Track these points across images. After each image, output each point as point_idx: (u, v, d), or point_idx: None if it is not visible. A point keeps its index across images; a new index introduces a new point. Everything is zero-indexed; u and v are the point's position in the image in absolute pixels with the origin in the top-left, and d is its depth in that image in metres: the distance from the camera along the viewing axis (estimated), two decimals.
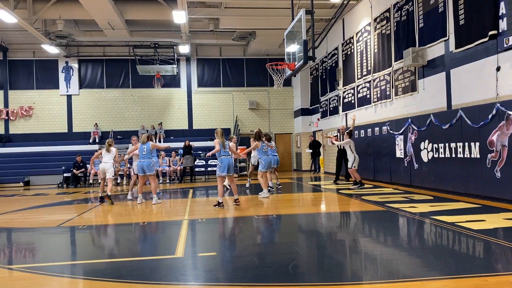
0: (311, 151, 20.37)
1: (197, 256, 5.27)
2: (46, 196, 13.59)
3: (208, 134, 22.12)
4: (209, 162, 19.72)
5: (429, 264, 4.59)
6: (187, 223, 7.64)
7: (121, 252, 5.92)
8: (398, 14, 12.86)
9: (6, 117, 22.58)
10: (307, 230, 7.17)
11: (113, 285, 4.16)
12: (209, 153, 10.04)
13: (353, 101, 16.63)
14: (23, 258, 5.72)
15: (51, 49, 20.12)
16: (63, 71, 23.08)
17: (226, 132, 22.32)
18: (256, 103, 23.96)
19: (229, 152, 9.68)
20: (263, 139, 11.56)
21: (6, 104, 22.63)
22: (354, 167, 12.49)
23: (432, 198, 9.79)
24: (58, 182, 18.50)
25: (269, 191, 11.43)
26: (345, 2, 12.90)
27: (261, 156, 11.46)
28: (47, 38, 18.97)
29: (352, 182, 13.10)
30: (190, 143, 19.21)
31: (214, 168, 17.12)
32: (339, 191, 12.17)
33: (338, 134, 14.54)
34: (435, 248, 5.48)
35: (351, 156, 12.51)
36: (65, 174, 18.47)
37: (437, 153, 10.65)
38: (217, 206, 9.31)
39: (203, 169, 19.94)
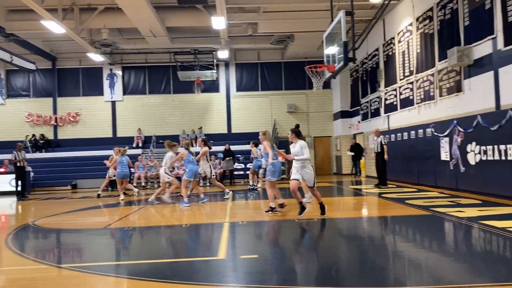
0: (353, 153, 20.03)
1: (239, 258, 5.31)
2: (92, 199, 14.08)
3: (247, 137, 22.21)
4: (247, 166, 19.80)
5: (477, 270, 4.41)
6: (228, 225, 7.71)
7: (165, 253, 6.04)
8: (441, 13, 12.49)
9: (55, 123, 23.64)
10: (349, 234, 7.06)
11: (159, 285, 4.26)
12: (284, 157, 9.93)
13: (395, 103, 16.26)
14: (73, 258, 5.96)
15: (96, 57, 20.90)
16: (108, 78, 23.91)
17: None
18: (294, 106, 23.88)
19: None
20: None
21: (55, 111, 23.68)
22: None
23: (481, 202, 9.40)
24: (106, 185, 19.08)
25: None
26: (386, 2, 12.65)
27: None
28: (93, 47, 19.73)
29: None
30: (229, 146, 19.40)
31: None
32: (381, 195, 11.91)
33: (376, 137, 14.23)
34: (484, 254, 5.26)
35: None
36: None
37: (485, 155, 10.23)
38: (270, 212, 8.71)
39: (242, 172, 20.06)
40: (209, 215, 9.61)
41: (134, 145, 22.73)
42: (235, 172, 19.77)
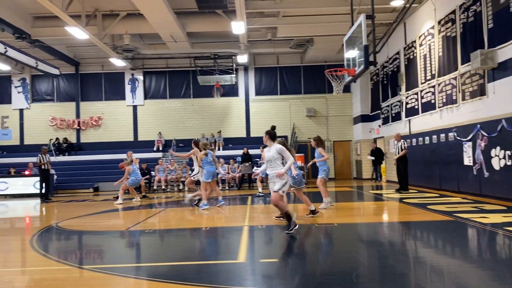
0: (373, 158, 19.82)
1: (259, 262, 5.31)
2: (113, 202, 14.28)
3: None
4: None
5: (502, 278, 4.31)
6: (247, 229, 7.72)
7: (185, 256, 6.08)
8: (464, 16, 12.29)
9: (78, 127, 24.10)
10: (369, 240, 6.99)
11: (179, 287, 4.29)
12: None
13: (416, 107, 16.05)
14: (94, 259, 6.05)
15: (118, 62, 21.25)
16: (129, 83, 24.28)
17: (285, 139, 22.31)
18: (314, 110, 23.79)
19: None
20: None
21: (77, 115, 24.15)
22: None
23: (505, 208, 9.18)
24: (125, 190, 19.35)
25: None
26: (407, 5, 12.54)
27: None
28: (115, 52, 20.07)
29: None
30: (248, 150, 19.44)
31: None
32: (403, 200, 11.75)
33: (396, 142, 14.06)
34: (509, 261, 5.13)
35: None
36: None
37: (510, 160, 10.00)
38: (311, 215, 8.68)
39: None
40: (228, 218, 9.64)
41: (154, 149, 22.99)
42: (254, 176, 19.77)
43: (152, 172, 19.11)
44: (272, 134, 7.29)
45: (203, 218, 9.68)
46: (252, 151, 20.12)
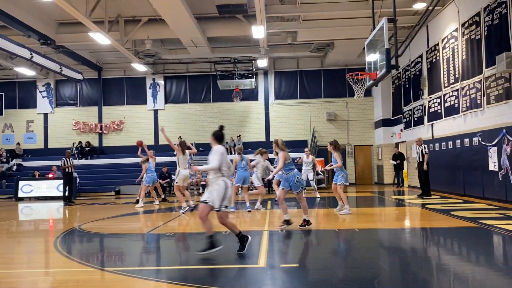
0: (395, 162, 19.50)
1: (279, 267, 5.27)
2: (134, 205, 14.42)
3: (285, 146, 22.15)
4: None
5: None
6: (267, 233, 7.69)
7: (205, 260, 6.08)
8: (489, 18, 12.04)
9: (100, 131, 24.50)
10: (391, 246, 6.87)
11: None
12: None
13: (439, 111, 15.77)
14: (116, 262, 6.11)
15: (140, 67, 21.55)
16: (150, 87, 24.58)
17: (303, 144, 22.24)
18: (334, 114, 23.63)
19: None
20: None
21: (100, 119, 24.56)
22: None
23: None
24: (146, 192, 19.57)
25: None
26: (430, 8, 12.36)
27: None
28: (137, 57, 20.36)
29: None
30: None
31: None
32: (425, 205, 11.53)
33: (418, 146, 13.83)
34: None
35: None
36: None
37: None
38: (285, 225, 8.14)
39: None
40: (248, 222, 9.62)
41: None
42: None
43: (172, 176, 19.24)
44: (216, 135, 6.33)
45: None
46: (271, 155, 20.04)
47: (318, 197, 14.65)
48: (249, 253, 6.28)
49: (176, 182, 11.54)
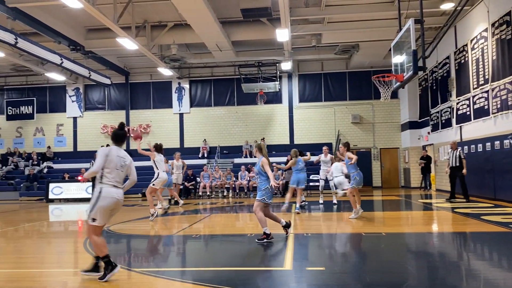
0: (424, 161, 19.04)
1: (306, 270, 5.25)
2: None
3: (309, 148, 22.01)
4: (310, 177, 19.60)
5: None
6: (292, 236, 7.66)
7: (231, 262, 6.11)
8: None
9: (128, 134, 24.91)
10: (419, 250, 6.75)
11: None
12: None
13: (468, 113, 15.41)
14: (142, 262, 6.21)
15: (166, 72, 21.86)
16: (176, 91, 24.90)
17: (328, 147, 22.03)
18: (359, 117, 23.38)
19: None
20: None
21: (127, 123, 25.02)
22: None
23: None
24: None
25: (302, 207, 11.70)
26: (458, 8, 12.11)
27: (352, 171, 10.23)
28: (163, 62, 20.67)
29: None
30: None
31: (317, 184, 17.02)
32: (454, 210, 11.27)
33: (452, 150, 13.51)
34: None
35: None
36: None
37: None
38: (265, 240, 7.16)
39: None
40: (273, 225, 9.61)
41: (200, 155, 23.37)
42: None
43: (197, 178, 19.46)
44: (112, 135, 5.66)
45: (247, 224, 9.71)
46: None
47: (335, 203, 13.64)
48: (275, 256, 6.28)
49: (153, 185, 10.91)
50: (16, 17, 14.81)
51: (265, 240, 7.05)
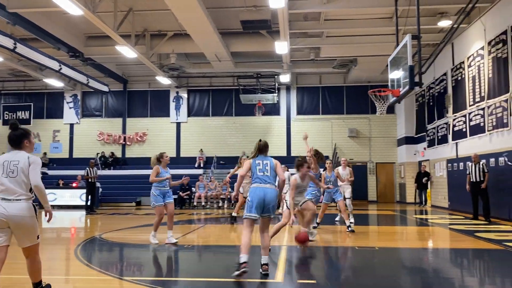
0: (426, 179, 18.95)
1: (297, 283, 5.21)
2: (154, 216, 14.51)
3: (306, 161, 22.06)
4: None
5: None
6: (285, 248, 7.63)
7: (223, 272, 6.06)
8: None
9: (124, 142, 24.90)
10: (412, 266, 6.72)
11: None
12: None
13: (464, 129, 15.49)
14: (134, 272, 6.15)
15: (164, 81, 21.92)
16: (174, 100, 24.94)
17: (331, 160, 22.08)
18: (356, 131, 23.44)
19: None
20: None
21: (124, 131, 24.99)
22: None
23: None
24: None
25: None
26: (455, 26, 12.25)
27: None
28: (161, 71, 20.73)
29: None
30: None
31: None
32: (450, 226, 11.26)
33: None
34: None
35: None
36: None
37: None
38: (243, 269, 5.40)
39: None
40: (275, 237, 9.55)
41: (196, 165, 23.32)
42: None
43: (192, 188, 19.40)
44: (8, 138, 4.79)
45: (239, 236, 9.63)
46: (292, 170, 19.99)
47: (337, 220, 12.41)
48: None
49: None
50: (16, 22, 14.85)
51: (236, 273, 5.25)
